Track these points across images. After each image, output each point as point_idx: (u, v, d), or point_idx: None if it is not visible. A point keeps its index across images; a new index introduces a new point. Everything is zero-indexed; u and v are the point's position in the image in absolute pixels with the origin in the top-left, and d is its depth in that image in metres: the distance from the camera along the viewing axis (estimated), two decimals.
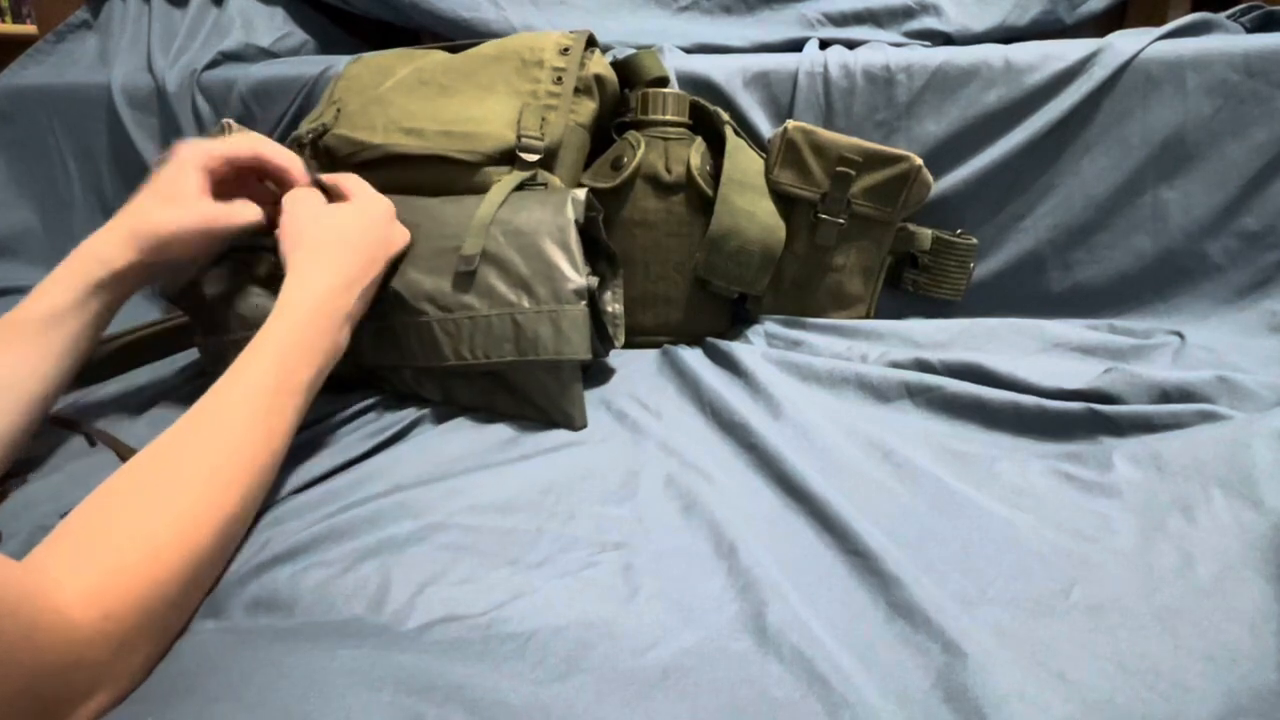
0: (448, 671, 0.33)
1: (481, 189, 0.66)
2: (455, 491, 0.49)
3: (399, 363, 0.61)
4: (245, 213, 0.57)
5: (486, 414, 0.61)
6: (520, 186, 0.66)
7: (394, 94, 0.73)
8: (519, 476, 0.52)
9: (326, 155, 0.72)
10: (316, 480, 0.51)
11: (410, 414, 0.60)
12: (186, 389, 0.66)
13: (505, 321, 0.58)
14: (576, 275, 0.59)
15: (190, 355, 0.73)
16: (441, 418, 0.61)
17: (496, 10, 1.03)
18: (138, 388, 0.66)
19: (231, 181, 0.58)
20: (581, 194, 0.63)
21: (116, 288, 0.53)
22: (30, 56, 1.09)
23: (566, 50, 0.74)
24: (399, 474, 0.51)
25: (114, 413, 0.62)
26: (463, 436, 0.58)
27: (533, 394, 0.60)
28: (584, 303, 0.59)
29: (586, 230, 0.65)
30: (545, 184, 0.69)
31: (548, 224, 0.61)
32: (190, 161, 0.55)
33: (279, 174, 0.59)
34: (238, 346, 0.48)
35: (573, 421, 0.59)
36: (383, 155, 0.69)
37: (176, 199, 0.54)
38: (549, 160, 0.71)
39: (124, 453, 0.55)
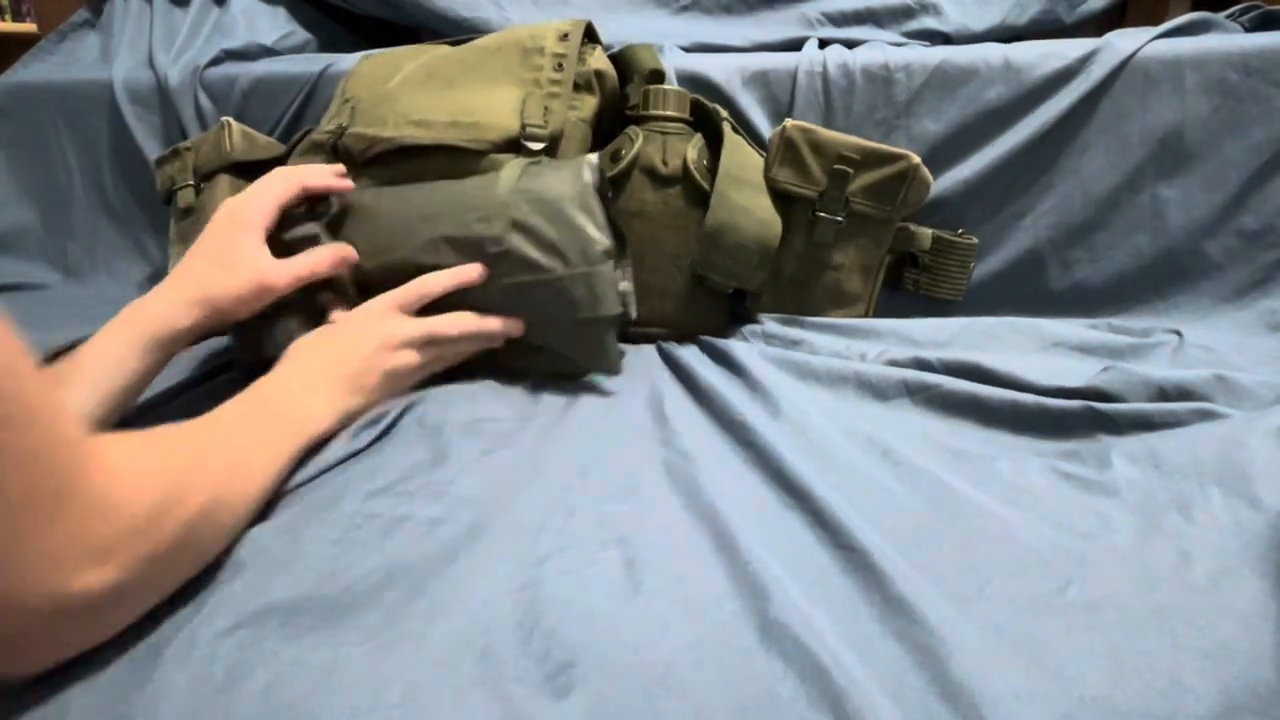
0: (451, 669, 0.33)
1: None
2: (453, 487, 0.49)
3: None
4: (298, 269, 0.58)
5: (485, 407, 0.61)
6: None
7: (403, 89, 0.74)
8: (518, 473, 0.52)
9: (345, 154, 0.72)
10: (312, 476, 0.50)
11: (406, 407, 0.60)
12: (208, 384, 0.67)
13: (541, 288, 0.60)
14: (602, 236, 0.61)
15: (207, 346, 0.73)
16: (438, 414, 0.60)
17: (497, 9, 1.03)
18: (165, 388, 0.65)
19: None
20: (594, 159, 0.65)
21: (176, 344, 0.55)
22: (33, 55, 1.10)
23: (566, 36, 0.75)
24: (395, 470, 0.51)
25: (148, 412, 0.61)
26: (460, 433, 0.58)
27: (572, 350, 0.64)
28: (611, 261, 0.61)
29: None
30: None
31: (568, 189, 0.62)
32: (245, 224, 0.57)
33: (324, 196, 0.64)
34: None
35: (612, 368, 0.64)
36: (394, 148, 0.69)
37: (234, 265, 0.56)
38: (552, 149, 0.72)
39: None
